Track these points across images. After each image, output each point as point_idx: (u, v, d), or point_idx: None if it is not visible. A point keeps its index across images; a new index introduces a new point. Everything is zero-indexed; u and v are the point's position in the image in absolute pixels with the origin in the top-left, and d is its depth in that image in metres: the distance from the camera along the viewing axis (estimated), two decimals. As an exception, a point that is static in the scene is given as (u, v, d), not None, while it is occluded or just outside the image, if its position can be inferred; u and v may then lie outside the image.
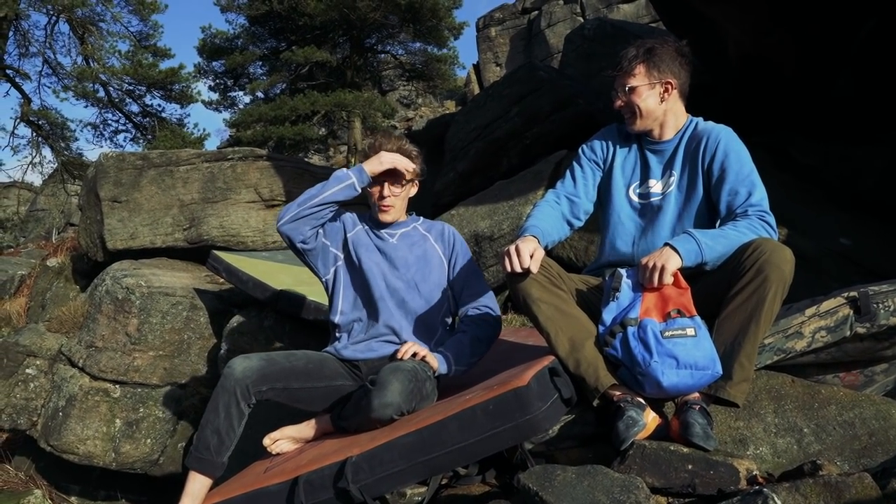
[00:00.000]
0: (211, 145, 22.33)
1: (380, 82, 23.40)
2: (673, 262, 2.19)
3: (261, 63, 21.31)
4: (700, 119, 2.62)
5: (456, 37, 20.77)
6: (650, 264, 2.22)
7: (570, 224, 2.72)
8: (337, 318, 2.91)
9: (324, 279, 2.98)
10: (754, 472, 1.98)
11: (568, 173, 2.78)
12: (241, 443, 2.56)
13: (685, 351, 2.11)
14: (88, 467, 5.32)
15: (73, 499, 5.78)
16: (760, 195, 2.37)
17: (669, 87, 2.55)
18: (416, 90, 24.36)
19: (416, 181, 2.99)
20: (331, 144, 23.69)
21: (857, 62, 4.10)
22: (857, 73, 4.17)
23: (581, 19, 21.99)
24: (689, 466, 1.97)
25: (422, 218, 3.12)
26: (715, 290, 2.26)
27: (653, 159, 2.64)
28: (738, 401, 2.17)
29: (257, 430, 2.76)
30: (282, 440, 2.72)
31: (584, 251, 4.80)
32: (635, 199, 2.64)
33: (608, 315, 2.29)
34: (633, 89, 2.53)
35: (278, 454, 2.70)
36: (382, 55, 22.41)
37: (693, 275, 2.33)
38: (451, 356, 2.63)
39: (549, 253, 5.05)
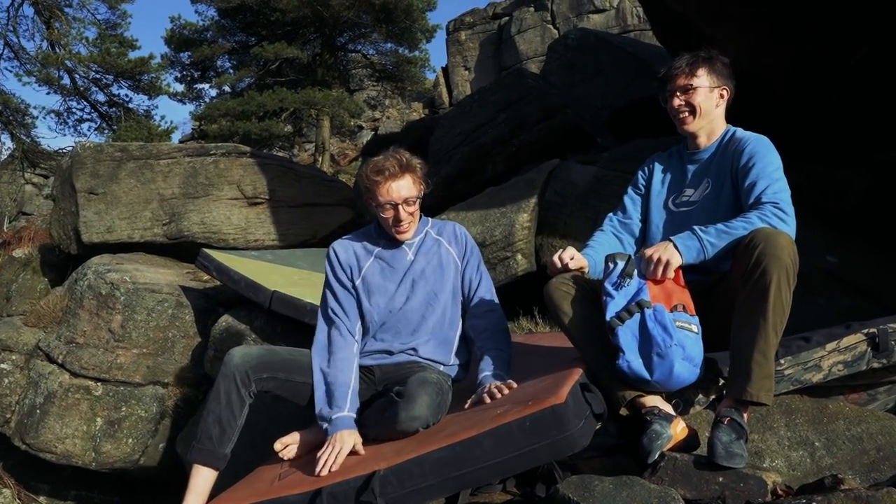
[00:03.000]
0: (175, 138, 21.91)
1: (348, 81, 23.26)
2: (675, 260, 2.26)
3: (229, 57, 21.04)
4: (738, 128, 2.66)
5: (428, 39, 20.84)
6: (654, 257, 2.28)
7: (619, 238, 2.79)
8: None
9: None
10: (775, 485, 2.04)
11: (621, 202, 2.89)
12: (235, 447, 2.53)
13: (690, 343, 2.18)
14: (59, 466, 5.19)
15: (41, 498, 5.63)
16: (778, 187, 2.36)
17: (725, 93, 2.60)
18: (385, 91, 24.27)
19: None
20: (296, 142, 23.48)
21: (849, 86, 4.23)
22: (848, 97, 4.30)
23: (551, 27, 22.22)
24: (720, 479, 2.01)
25: (430, 220, 2.95)
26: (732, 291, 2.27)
27: (690, 170, 2.69)
28: (764, 399, 2.10)
29: (250, 434, 2.72)
30: (293, 445, 2.65)
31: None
32: (672, 208, 2.69)
33: (622, 297, 2.28)
34: (694, 88, 2.56)
35: (288, 460, 2.65)
36: (353, 54, 22.31)
37: (713, 284, 2.42)
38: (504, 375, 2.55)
39: (538, 257, 5.08)
